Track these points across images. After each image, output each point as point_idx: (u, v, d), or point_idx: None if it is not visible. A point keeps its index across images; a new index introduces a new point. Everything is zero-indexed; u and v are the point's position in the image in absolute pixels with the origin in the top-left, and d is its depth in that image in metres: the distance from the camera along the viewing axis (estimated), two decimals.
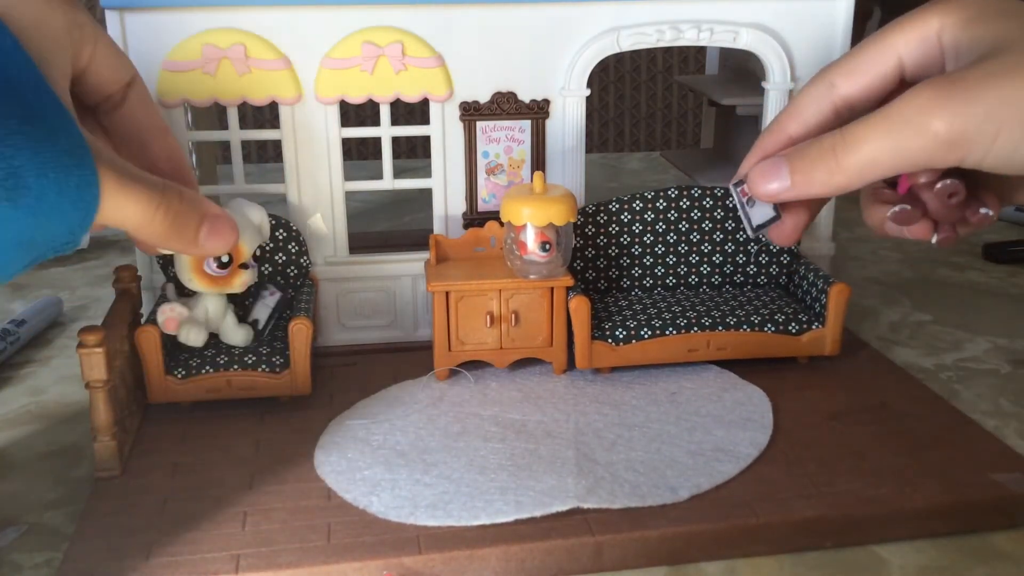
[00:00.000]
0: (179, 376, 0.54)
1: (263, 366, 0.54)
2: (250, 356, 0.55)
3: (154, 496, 0.47)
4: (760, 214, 0.47)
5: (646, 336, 0.57)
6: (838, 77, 0.46)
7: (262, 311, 0.56)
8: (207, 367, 0.54)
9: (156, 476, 0.49)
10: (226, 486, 0.48)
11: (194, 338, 0.54)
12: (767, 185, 0.44)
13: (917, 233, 0.47)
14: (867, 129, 0.41)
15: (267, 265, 0.59)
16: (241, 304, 0.57)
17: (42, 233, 0.38)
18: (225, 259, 0.53)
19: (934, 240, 0.47)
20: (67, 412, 0.58)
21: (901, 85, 0.46)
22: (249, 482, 0.48)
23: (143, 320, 0.57)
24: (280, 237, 0.59)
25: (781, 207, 0.46)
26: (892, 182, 0.45)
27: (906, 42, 0.44)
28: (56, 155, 0.37)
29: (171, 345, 0.54)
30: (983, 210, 0.47)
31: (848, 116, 0.47)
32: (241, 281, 0.54)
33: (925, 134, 0.39)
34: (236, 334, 0.55)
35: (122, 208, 0.40)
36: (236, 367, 0.54)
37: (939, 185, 0.43)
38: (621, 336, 0.57)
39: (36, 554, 0.45)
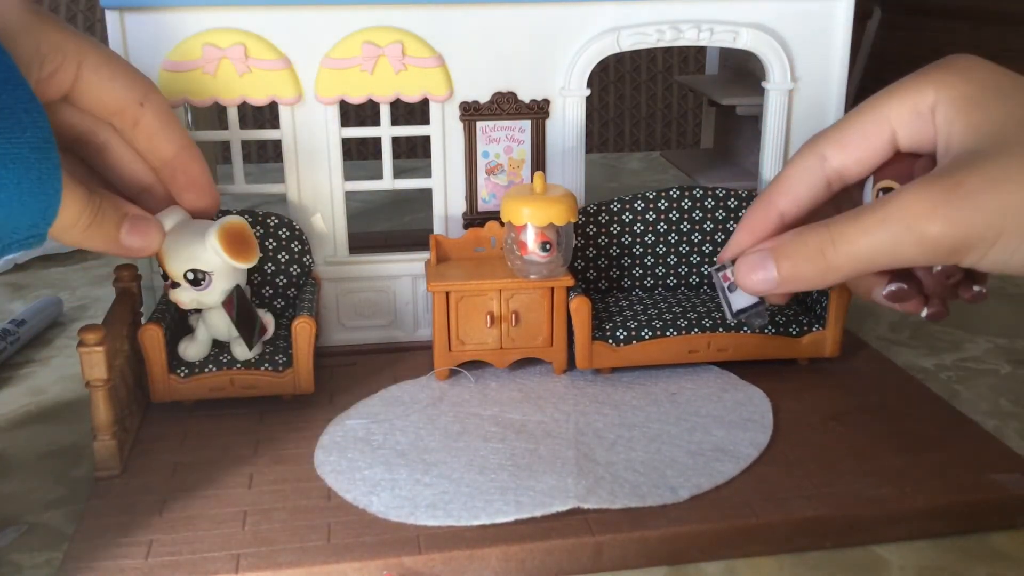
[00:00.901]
0: (182, 375, 0.54)
1: (266, 365, 0.54)
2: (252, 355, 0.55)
3: (154, 496, 0.47)
4: (742, 299, 0.46)
5: (647, 337, 0.57)
6: (829, 149, 0.44)
7: (236, 347, 0.55)
8: (210, 366, 0.54)
9: (156, 476, 0.49)
10: (226, 486, 0.48)
11: (192, 353, 0.54)
12: (755, 281, 0.43)
13: (908, 307, 0.45)
14: (858, 231, 0.39)
15: (270, 264, 0.59)
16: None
17: (4, 226, 0.38)
18: (163, 272, 0.51)
19: (924, 314, 0.46)
20: (67, 412, 0.58)
21: (895, 155, 0.44)
22: (249, 482, 0.48)
23: (143, 319, 0.57)
24: (283, 236, 0.59)
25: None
26: None
27: (899, 114, 0.43)
28: (19, 149, 0.37)
29: (173, 344, 0.54)
30: (976, 287, 0.45)
31: (840, 188, 0.45)
32: (172, 297, 0.52)
33: (922, 240, 0.38)
34: (235, 348, 0.55)
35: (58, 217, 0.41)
36: (239, 366, 0.54)
37: (938, 268, 0.42)
38: (622, 336, 0.57)
39: (36, 554, 0.45)
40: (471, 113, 0.60)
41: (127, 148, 0.48)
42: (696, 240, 0.62)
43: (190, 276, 0.51)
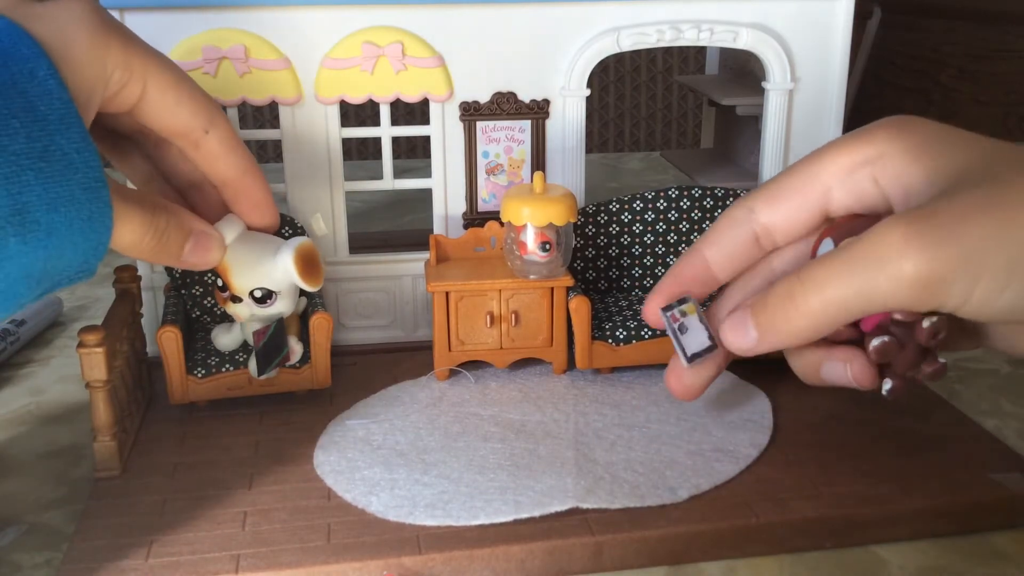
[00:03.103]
0: (199, 376, 0.54)
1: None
2: None
3: (154, 496, 0.47)
4: (695, 342, 0.44)
5: (647, 337, 0.57)
6: (758, 203, 0.43)
7: (252, 361, 0.54)
8: (227, 365, 0.54)
9: (156, 476, 0.49)
10: (226, 486, 0.48)
11: (224, 342, 0.54)
12: (739, 342, 0.41)
13: (863, 380, 0.42)
14: (827, 271, 0.37)
15: None
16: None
17: (53, 265, 0.38)
18: (221, 283, 0.51)
19: (885, 390, 0.42)
20: (67, 412, 0.58)
21: (825, 219, 0.42)
22: (249, 482, 0.48)
23: (144, 320, 0.57)
24: (286, 235, 0.59)
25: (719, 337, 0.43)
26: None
27: (834, 172, 0.41)
28: (69, 190, 0.37)
29: (187, 346, 0.54)
30: (940, 360, 0.41)
31: (771, 247, 0.44)
32: (232, 310, 0.52)
33: (897, 277, 0.35)
34: (250, 362, 0.54)
35: (118, 234, 0.41)
36: None
37: (926, 323, 0.38)
38: (621, 336, 0.57)
39: (36, 554, 0.45)
40: (471, 113, 0.60)
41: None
42: (695, 240, 0.62)
43: (258, 294, 0.51)
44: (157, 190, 0.49)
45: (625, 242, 0.62)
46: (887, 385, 0.42)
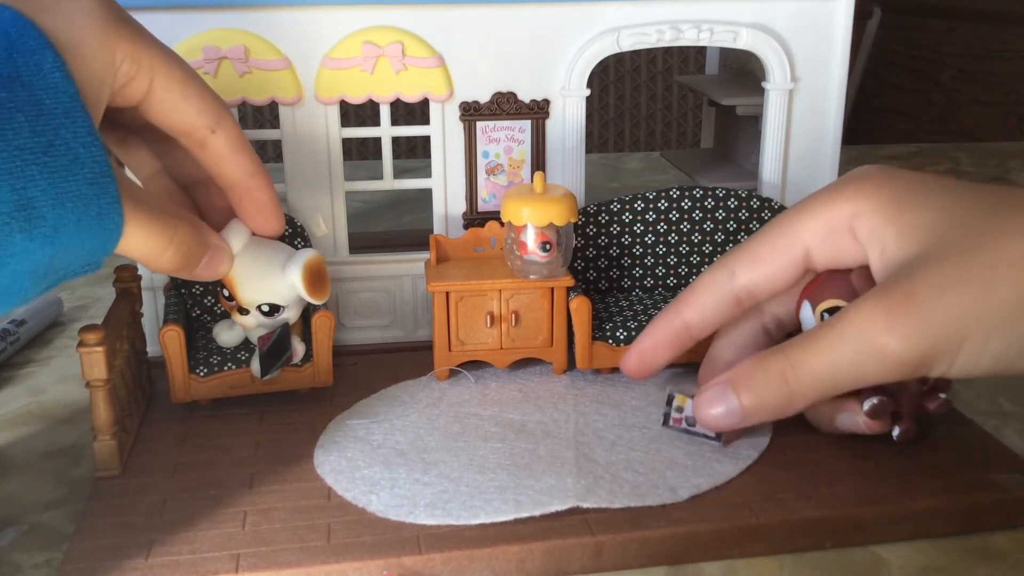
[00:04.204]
0: (201, 375, 0.54)
1: None
2: None
3: (154, 496, 0.47)
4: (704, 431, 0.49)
5: None
6: (739, 266, 0.44)
7: (254, 361, 0.54)
8: (229, 363, 0.54)
9: (156, 476, 0.49)
10: (226, 486, 0.48)
11: (225, 339, 0.55)
12: (716, 415, 0.42)
13: (876, 428, 0.46)
14: (816, 355, 0.39)
15: None
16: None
17: (60, 260, 0.38)
18: (227, 292, 0.51)
19: (895, 434, 0.47)
20: (67, 412, 0.58)
21: (806, 273, 0.44)
22: (249, 482, 0.48)
23: (145, 320, 0.57)
24: (286, 233, 0.58)
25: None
26: None
27: (812, 231, 0.42)
28: (76, 184, 0.37)
29: (189, 344, 0.54)
30: (941, 395, 0.45)
31: (750, 304, 0.46)
32: (238, 319, 0.52)
33: (884, 358, 0.37)
34: (253, 361, 0.54)
35: (137, 243, 0.40)
36: None
37: (927, 384, 0.41)
38: (622, 337, 0.57)
39: (36, 554, 0.45)
40: (471, 113, 0.60)
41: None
42: (696, 240, 0.62)
43: (265, 308, 0.51)
44: (163, 186, 0.49)
45: (626, 242, 0.62)
46: (896, 431, 0.47)
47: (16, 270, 0.36)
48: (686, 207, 0.61)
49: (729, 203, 0.61)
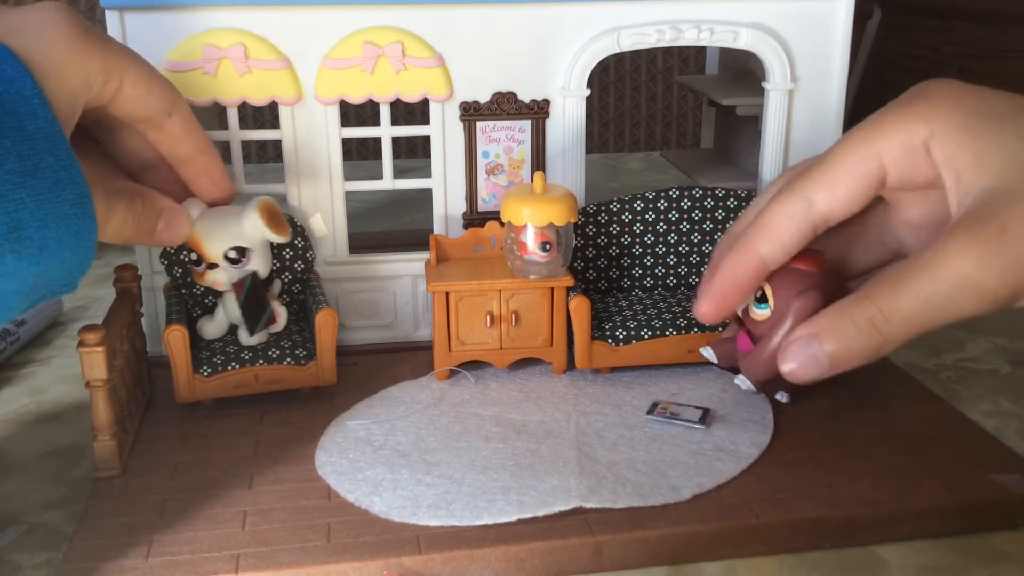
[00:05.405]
0: (205, 374, 0.54)
1: (288, 359, 0.55)
2: (273, 350, 0.55)
3: (154, 496, 0.47)
4: (691, 413, 0.52)
5: (646, 336, 0.57)
6: (817, 193, 0.42)
7: (241, 331, 0.56)
8: (233, 363, 0.54)
9: (156, 476, 0.49)
10: (226, 486, 0.48)
11: (209, 331, 0.56)
12: (804, 368, 0.40)
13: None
14: (907, 296, 0.38)
15: (275, 261, 0.59)
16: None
17: (43, 280, 0.39)
18: (194, 256, 0.53)
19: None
20: (67, 412, 0.58)
21: (880, 192, 0.43)
22: (249, 482, 0.48)
23: (145, 320, 0.57)
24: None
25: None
26: None
27: (890, 151, 0.41)
28: (59, 206, 0.38)
29: (194, 344, 0.54)
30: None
31: (824, 229, 0.44)
32: (210, 279, 0.54)
33: (980, 294, 0.36)
34: (240, 333, 0.56)
35: (104, 228, 0.43)
36: (261, 362, 0.54)
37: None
38: (621, 336, 0.57)
39: (36, 554, 0.45)
40: (471, 113, 0.60)
41: (136, 132, 0.49)
42: (696, 240, 0.62)
43: (232, 255, 0.53)
44: (109, 172, 0.50)
45: (626, 242, 0.62)
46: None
47: (6, 289, 0.38)
48: (685, 207, 0.61)
49: (729, 203, 0.61)
